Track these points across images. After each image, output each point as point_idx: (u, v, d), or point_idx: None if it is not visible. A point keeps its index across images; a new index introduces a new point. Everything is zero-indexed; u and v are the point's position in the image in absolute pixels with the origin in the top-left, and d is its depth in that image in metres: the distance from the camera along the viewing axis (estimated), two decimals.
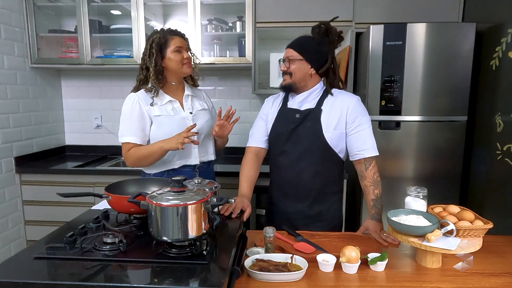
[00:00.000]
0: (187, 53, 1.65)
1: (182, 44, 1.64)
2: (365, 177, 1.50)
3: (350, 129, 1.50)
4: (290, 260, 1.14)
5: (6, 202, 2.44)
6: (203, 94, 1.88)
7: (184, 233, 0.98)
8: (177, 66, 1.63)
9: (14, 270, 0.91)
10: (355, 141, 1.50)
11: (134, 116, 1.63)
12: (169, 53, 1.61)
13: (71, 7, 2.59)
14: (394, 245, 1.33)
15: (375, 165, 1.50)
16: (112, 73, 2.94)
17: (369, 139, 1.50)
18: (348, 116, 1.49)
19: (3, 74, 2.41)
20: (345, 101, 1.51)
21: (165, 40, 1.61)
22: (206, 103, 1.84)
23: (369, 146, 1.49)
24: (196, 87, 1.87)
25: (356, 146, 1.50)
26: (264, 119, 1.66)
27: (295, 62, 1.50)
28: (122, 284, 0.85)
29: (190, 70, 1.68)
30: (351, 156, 1.54)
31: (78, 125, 3.04)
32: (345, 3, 2.36)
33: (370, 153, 1.49)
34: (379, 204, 1.49)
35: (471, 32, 2.09)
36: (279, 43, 2.75)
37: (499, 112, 1.95)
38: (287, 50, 1.53)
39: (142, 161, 1.63)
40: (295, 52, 1.50)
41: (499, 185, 1.94)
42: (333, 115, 1.50)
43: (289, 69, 1.51)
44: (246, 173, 1.60)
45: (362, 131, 1.49)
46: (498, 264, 1.21)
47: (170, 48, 1.61)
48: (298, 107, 1.56)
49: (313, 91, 1.55)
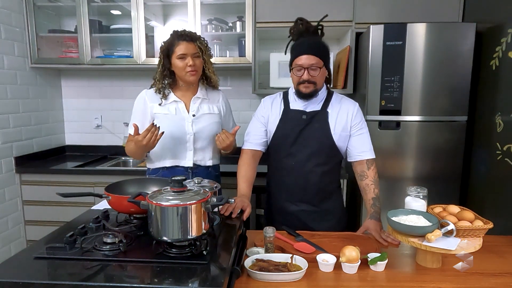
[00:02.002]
0: (192, 60, 1.60)
1: (187, 50, 1.60)
2: (367, 176, 1.54)
3: (353, 132, 1.56)
4: (290, 260, 1.14)
5: (6, 202, 2.44)
6: (220, 98, 1.82)
7: (184, 233, 0.98)
8: (181, 73, 1.65)
9: (14, 270, 0.91)
10: (356, 143, 1.56)
11: (138, 112, 1.71)
12: (174, 59, 1.63)
13: (71, 7, 2.59)
14: (394, 245, 1.33)
15: (375, 166, 1.57)
16: (112, 73, 2.94)
17: (368, 142, 1.58)
18: (353, 119, 1.55)
19: (3, 74, 2.41)
20: (350, 105, 1.58)
21: (171, 45, 1.62)
22: (218, 107, 1.80)
23: (369, 149, 1.57)
24: (214, 89, 1.82)
25: (357, 148, 1.56)
26: (262, 121, 1.63)
27: (318, 70, 1.46)
28: (122, 284, 0.85)
29: (193, 78, 1.64)
30: (351, 157, 1.58)
31: (78, 125, 3.04)
32: (345, 3, 2.36)
33: (371, 155, 1.56)
34: (378, 203, 1.50)
35: (471, 32, 2.09)
36: (279, 43, 2.74)
37: (499, 112, 1.95)
38: (308, 57, 1.44)
39: (133, 154, 1.67)
40: (318, 59, 1.45)
41: (499, 185, 1.94)
42: (340, 117, 1.54)
43: (314, 77, 1.46)
44: (243, 173, 1.59)
45: (364, 134, 1.57)
46: (498, 264, 1.21)
47: (175, 54, 1.62)
48: (304, 109, 1.55)
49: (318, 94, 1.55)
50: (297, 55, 1.48)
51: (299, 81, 1.49)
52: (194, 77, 1.65)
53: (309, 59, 1.45)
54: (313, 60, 1.45)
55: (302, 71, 1.46)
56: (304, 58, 1.45)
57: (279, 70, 2.51)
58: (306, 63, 1.45)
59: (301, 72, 1.47)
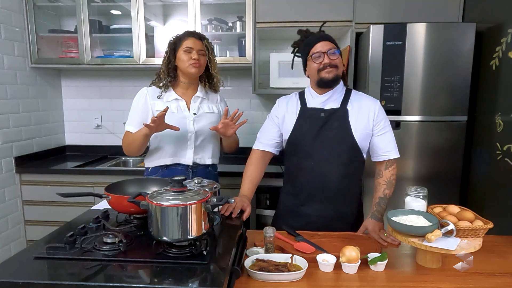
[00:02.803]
0: (197, 55, 1.65)
1: (193, 45, 1.66)
2: (382, 175, 1.52)
3: (376, 131, 1.50)
4: (290, 260, 1.14)
5: (6, 202, 2.44)
6: (218, 98, 1.87)
7: (184, 233, 0.98)
8: (183, 66, 1.67)
9: (14, 270, 0.91)
10: (380, 142, 1.50)
11: (138, 108, 1.71)
12: (180, 52, 1.67)
13: (71, 7, 2.59)
14: (394, 245, 1.33)
15: (395, 167, 1.52)
16: (112, 73, 2.94)
17: (393, 141, 1.52)
18: (375, 118, 1.49)
19: (3, 74, 2.41)
20: (371, 103, 1.52)
21: (179, 39, 1.69)
22: (217, 107, 1.83)
23: (393, 148, 1.52)
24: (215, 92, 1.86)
25: (380, 148, 1.51)
26: (276, 122, 1.59)
27: (336, 54, 1.45)
28: (122, 284, 0.85)
29: (195, 70, 1.67)
30: (374, 157, 1.54)
31: (78, 125, 3.04)
32: (345, 3, 2.36)
33: (394, 155, 1.51)
34: (383, 204, 1.48)
35: (471, 32, 2.09)
36: (279, 43, 2.75)
37: (499, 112, 1.95)
38: (325, 43, 1.45)
39: (130, 145, 1.67)
40: (333, 45, 1.46)
41: (499, 185, 1.94)
42: (361, 115, 1.48)
43: (334, 60, 1.44)
44: (249, 174, 1.58)
45: (387, 133, 1.52)
46: (498, 264, 1.21)
47: (181, 47, 1.67)
48: (322, 106, 1.51)
49: (336, 90, 1.51)
50: (312, 45, 1.47)
51: (320, 67, 1.45)
52: (196, 69, 1.67)
53: (325, 44, 1.45)
54: (330, 45, 1.45)
55: (322, 57, 1.44)
56: (320, 45, 1.45)
57: (279, 70, 2.51)
58: (325, 47, 1.44)
59: (321, 58, 1.44)
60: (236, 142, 1.88)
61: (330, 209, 1.51)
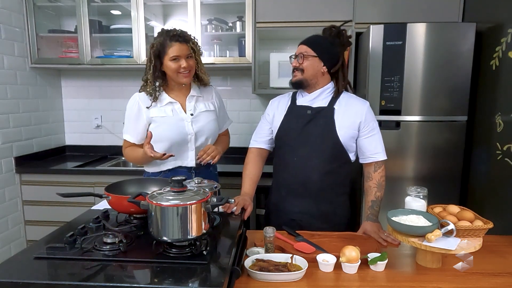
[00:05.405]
0: (186, 62, 1.58)
1: (180, 52, 1.56)
2: (371, 178, 1.53)
3: (364, 133, 1.51)
4: (290, 260, 1.14)
5: (6, 202, 2.44)
6: (213, 93, 1.82)
7: (184, 233, 0.98)
8: (173, 74, 1.61)
9: (14, 270, 0.91)
10: (368, 144, 1.52)
11: (132, 116, 1.67)
12: (166, 61, 1.58)
13: (71, 7, 2.59)
14: (394, 245, 1.33)
15: (383, 169, 1.54)
16: (112, 73, 2.94)
17: (380, 143, 1.54)
18: (363, 119, 1.50)
19: (3, 74, 2.41)
20: (359, 104, 1.53)
21: (163, 46, 1.57)
22: (213, 103, 1.80)
23: (381, 150, 1.53)
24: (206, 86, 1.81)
25: (369, 149, 1.52)
26: (268, 119, 1.65)
27: (308, 58, 1.50)
28: (122, 284, 0.85)
29: (187, 80, 1.63)
30: (362, 159, 1.56)
31: (78, 125, 3.04)
32: (345, 3, 2.36)
33: (382, 156, 1.53)
34: (377, 206, 1.50)
35: (471, 32, 2.08)
36: (279, 43, 2.75)
37: (499, 112, 1.95)
38: (300, 47, 1.53)
39: (134, 161, 1.72)
40: (309, 49, 1.50)
41: (499, 185, 1.94)
42: (347, 115, 1.50)
43: (301, 65, 1.50)
44: (248, 172, 1.61)
45: (375, 135, 1.53)
46: (498, 264, 1.21)
47: (167, 55, 1.57)
48: (310, 104, 1.54)
49: (324, 90, 1.54)
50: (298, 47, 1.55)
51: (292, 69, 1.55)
52: (187, 79, 1.64)
53: (301, 48, 1.53)
54: (304, 48, 1.51)
55: (293, 60, 1.55)
56: (298, 48, 1.54)
57: (279, 70, 2.51)
58: (297, 51, 1.53)
59: (292, 61, 1.55)
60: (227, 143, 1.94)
61: (310, 206, 1.54)
